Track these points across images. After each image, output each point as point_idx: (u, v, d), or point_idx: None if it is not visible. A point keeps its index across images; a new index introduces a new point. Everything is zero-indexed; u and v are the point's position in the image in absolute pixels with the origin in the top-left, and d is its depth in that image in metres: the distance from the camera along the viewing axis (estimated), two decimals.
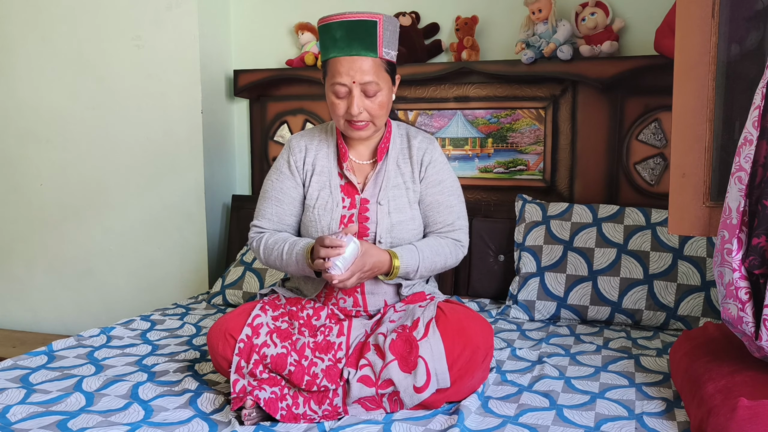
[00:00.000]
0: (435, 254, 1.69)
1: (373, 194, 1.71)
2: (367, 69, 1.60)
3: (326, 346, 1.56)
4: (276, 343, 1.52)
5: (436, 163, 1.75)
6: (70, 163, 2.92)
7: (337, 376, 1.49)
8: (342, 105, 1.63)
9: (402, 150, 1.76)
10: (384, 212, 1.69)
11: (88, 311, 2.99)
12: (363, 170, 1.75)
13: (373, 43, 1.60)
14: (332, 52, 1.61)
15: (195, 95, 2.74)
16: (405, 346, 1.50)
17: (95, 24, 2.80)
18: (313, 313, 1.64)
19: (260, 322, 1.55)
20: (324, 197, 1.72)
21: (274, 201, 1.75)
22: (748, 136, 1.35)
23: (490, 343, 1.58)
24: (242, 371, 1.49)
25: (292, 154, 1.76)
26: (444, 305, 1.61)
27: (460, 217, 1.77)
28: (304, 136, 1.79)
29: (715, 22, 1.53)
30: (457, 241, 1.75)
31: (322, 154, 1.76)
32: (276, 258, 1.68)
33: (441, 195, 1.74)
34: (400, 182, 1.73)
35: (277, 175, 1.77)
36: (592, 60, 2.38)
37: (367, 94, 1.61)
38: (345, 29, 1.59)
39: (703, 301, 2.06)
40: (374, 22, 1.59)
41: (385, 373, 1.47)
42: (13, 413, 1.46)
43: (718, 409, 1.27)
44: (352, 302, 1.69)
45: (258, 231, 1.76)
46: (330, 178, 1.73)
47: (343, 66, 1.59)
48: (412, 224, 1.72)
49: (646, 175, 2.45)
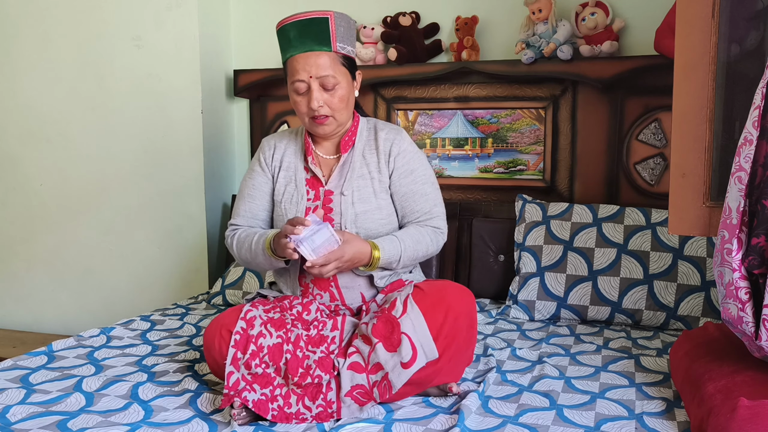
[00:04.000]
0: (416, 243, 1.70)
1: (337, 185, 1.74)
2: (323, 63, 1.64)
3: (319, 340, 1.57)
4: (271, 332, 1.54)
5: (405, 153, 1.76)
6: (70, 163, 2.92)
7: (330, 367, 1.50)
8: (303, 101, 1.68)
9: (368, 141, 1.79)
10: (348, 202, 1.71)
11: (88, 311, 2.99)
12: (328, 164, 1.79)
13: (326, 38, 1.64)
14: (288, 52, 1.67)
15: (195, 95, 2.74)
16: (386, 326, 1.51)
17: (95, 24, 2.80)
18: (302, 309, 1.66)
19: (253, 315, 1.57)
20: (290, 191, 1.76)
21: (247, 198, 1.80)
22: (748, 136, 1.35)
23: (472, 308, 1.61)
24: (238, 363, 1.49)
25: (262, 152, 1.83)
26: (421, 283, 1.64)
27: (436, 204, 1.78)
28: (274, 137, 1.86)
29: (715, 22, 1.53)
30: (437, 228, 1.77)
31: (290, 151, 1.81)
32: (246, 251, 1.72)
33: (414, 184, 1.76)
34: (365, 172, 1.75)
35: (249, 174, 1.83)
36: (592, 60, 2.39)
37: (326, 87, 1.66)
38: (298, 29, 1.64)
39: (703, 301, 2.06)
40: (325, 18, 1.64)
41: (373, 357, 1.49)
42: (13, 413, 1.46)
43: (719, 409, 1.27)
44: (329, 297, 1.70)
45: (233, 229, 1.81)
46: (296, 172, 1.78)
47: (299, 63, 1.65)
48: (378, 214, 1.73)
49: (646, 175, 2.45)
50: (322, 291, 1.71)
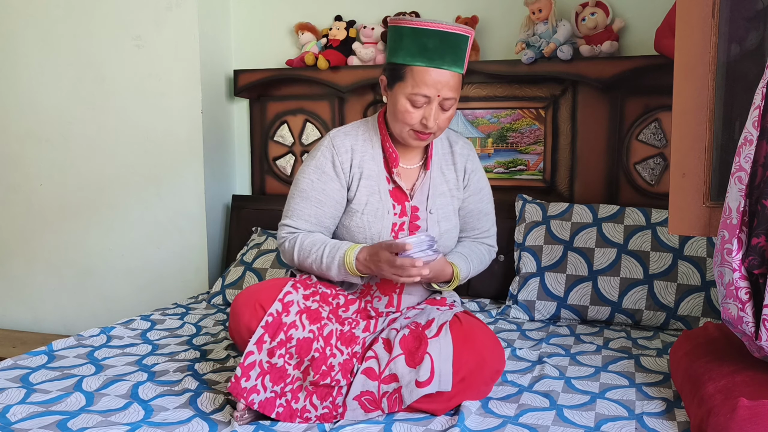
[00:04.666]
0: (480, 263, 1.78)
1: (421, 201, 1.70)
2: (453, 85, 1.57)
3: (350, 338, 1.53)
4: (304, 325, 1.48)
5: (477, 170, 1.79)
6: (70, 163, 2.92)
7: (349, 371, 1.49)
8: (417, 115, 1.58)
9: (444, 156, 1.76)
10: (434, 221, 1.70)
11: (88, 311, 2.99)
12: (409, 175, 1.73)
13: (462, 58, 1.57)
14: (419, 60, 1.54)
15: (195, 95, 2.74)
16: (415, 342, 1.49)
17: (95, 24, 2.80)
18: (343, 302, 1.62)
19: (291, 299, 1.50)
20: (374, 203, 1.66)
21: (314, 202, 1.66)
22: (748, 136, 1.35)
23: (499, 362, 1.56)
24: (262, 346, 1.43)
25: (338, 155, 1.67)
26: (461, 315, 1.61)
27: (493, 224, 1.85)
28: (348, 135, 1.70)
29: (715, 22, 1.53)
30: (492, 247, 1.84)
31: (368, 156, 1.69)
32: (314, 261, 1.61)
33: (481, 203, 1.79)
34: (445, 190, 1.74)
35: (318, 174, 1.66)
36: (592, 60, 2.38)
37: (444, 107, 1.59)
38: (439, 39, 1.53)
39: (703, 301, 2.06)
40: (466, 37, 1.56)
41: (391, 366, 1.46)
42: (13, 413, 1.46)
43: (718, 409, 1.27)
44: (387, 301, 1.69)
45: (291, 231, 1.68)
46: (379, 183, 1.68)
47: (431, 77, 1.54)
48: (455, 232, 1.76)
49: (646, 175, 2.45)
50: (383, 294, 1.68)
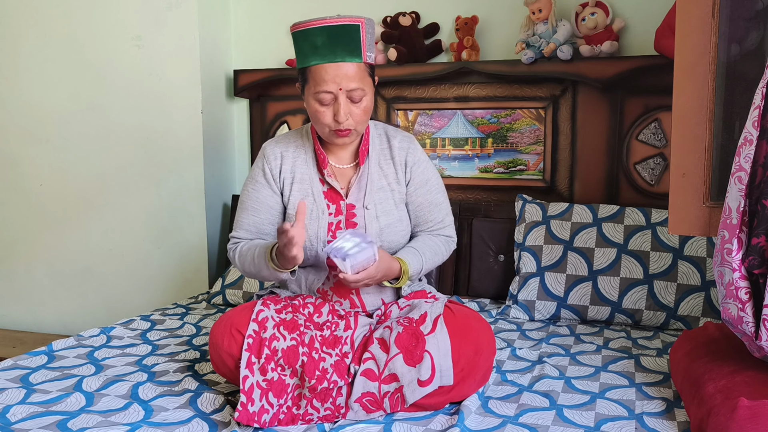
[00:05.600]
0: (434, 254, 1.73)
1: (358, 199, 1.69)
2: (353, 75, 1.56)
3: (333, 341, 1.53)
4: (284, 335, 1.49)
5: (420, 162, 1.75)
6: (70, 163, 2.92)
7: (344, 372, 1.48)
8: (327, 113, 1.58)
9: (383, 151, 1.74)
10: (372, 216, 1.68)
11: (88, 311, 2.99)
12: (345, 174, 1.72)
13: (357, 48, 1.55)
14: (313, 59, 1.56)
15: (195, 95, 2.74)
16: (411, 339, 1.48)
17: (95, 24, 2.80)
18: (314, 310, 1.62)
19: (265, 316, 1.52)
20: (308, 206, 1.67)
21: (251, 211, 1.70)
22: (748, 136, 1.35)
23: (492, 345, 1.58)
24: (252, 367, 1.45)
25: (267, 162, 1.70)
26: (451, 305, 1.62)
27: (448, 213, 1.80)
28: (279, 143, 1.73)
29: (715, 22, 1.53)
30: (449, 237, 1.79)
31: (300, 160, 1.71)
32: (249, 264, 1.64)
33: (429, 194, 1.75)
34: (384, 184, 1.72)
35: (252, 184, 1.71)
36: (592, 60, 2.38)
37: (353, 100, 1.58)
38: (327, 35, 1.54)
39: (703, 301, 2.06)
40: (357, 26, 1.55)
41: (390, 366, 1.46)
42: (13, 413, 1.46)
43: (718, 409, 1.27)
44: (349, 304, 1.68)
45: (234, 242, 1.72)
46: (312, 185, 1.69)
47: (328, 73, 1.54)
48: (399, 226, 1.72)
49: (646, 175, 2.45)
50: (342, 298, 1.68)
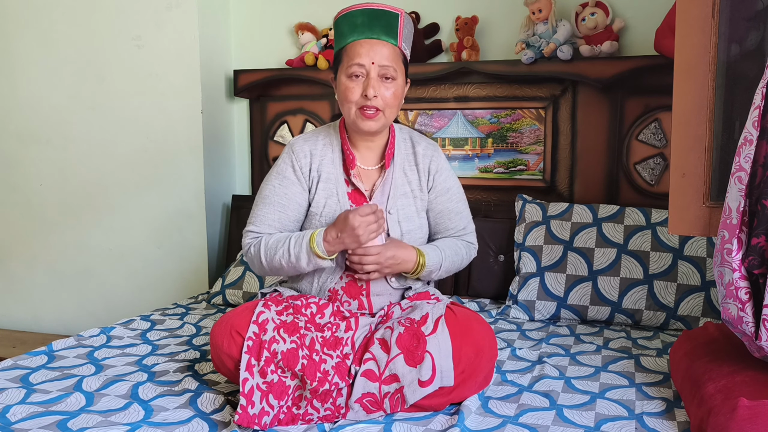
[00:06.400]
0: (455, 254, 1.75)
1: (381, 202, 1.70)
2: (387, 54, 1.61)
3: (334, 342, 1.53)
4: (284, 338, 1.49)
5: (442, 170, 1.78)
6: (70, 163, 2.92)
7: (346, 373, 1.48)
8: (357, 89, 1.62)
9: (407, 156, 1.76)
10: (394, 221, 1.69)
11: (88, 311, 2.99)
12: (370, 176, 1.74)
13: (394, 32, 1.63)
14: (351, 36, 1.63)
15: (195, 95, 2.74)
16: (412, 340, 1.48)
17: (95, 24, 2.80)
18: (317, 310, 1.62)
19: (265, 318, 1.52)
20: (332, 205, 1.68)
21: (277, 207, 1.69)
22: (748, 136, 1.35)
23: (494, 347, 1.58)
24: (252, 370, 1.45)
25: (297, 159, 1.70)
26: (454, 307, 1.62)
27: (469, 221, 1.84)
28: (307, 141, 1.73)
29: (715, 22, 1.53)
30: (470, 243, 1.83)
31: (327, 159, 1.71)
32: (282, 255, 1.61)
33: (450, 203, 1.78)
34: (407, 191, 1.74)
35: (279, 180, 1.70)
36: (592, 60, 2.38)
37: (385, 76, 1.62)
38: (367, 15, 1.62)
39: (703, 301, 2.06)
40: (396, 14, 1.63)
41: (391, 367, 1.46)
42: (13, 413, 1.46)
43: (718, 409, 1.27)
44: (357, 305, 1.68)
45: (255, 236, 1.69)
46: (337, 185, 1.70)
47: (363, 47, 1.61)
48: (419, 233, 1.74)
49: (646, 175, 2.45)
50: (351, 299, 1.68)
